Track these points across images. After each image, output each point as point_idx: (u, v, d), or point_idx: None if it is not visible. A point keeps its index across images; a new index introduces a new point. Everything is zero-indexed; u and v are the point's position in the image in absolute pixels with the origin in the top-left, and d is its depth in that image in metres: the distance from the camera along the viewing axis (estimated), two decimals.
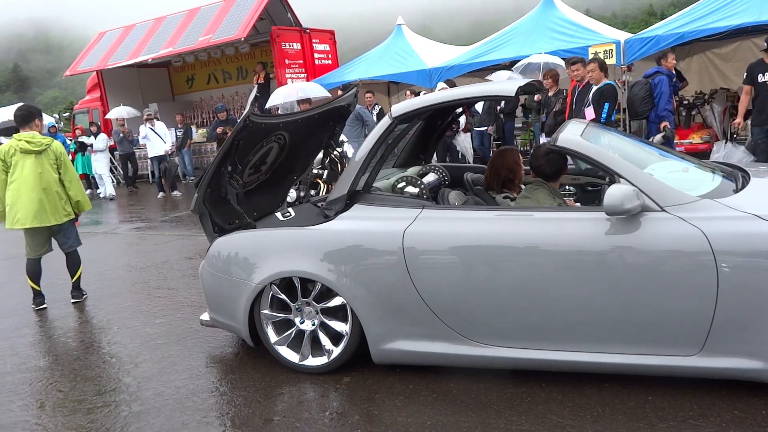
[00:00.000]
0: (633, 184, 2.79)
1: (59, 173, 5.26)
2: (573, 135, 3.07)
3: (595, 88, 6.86)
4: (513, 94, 3.22)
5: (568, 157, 3.46)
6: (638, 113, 8.12)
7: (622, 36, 11.08)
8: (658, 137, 6.62)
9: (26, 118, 5.26)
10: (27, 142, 5.13)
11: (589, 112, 6.76)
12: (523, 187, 4.23)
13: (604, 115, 6.67)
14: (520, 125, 13.00)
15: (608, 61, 10.08)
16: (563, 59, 10.24)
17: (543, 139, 8.71)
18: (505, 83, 3.36)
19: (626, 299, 2.78)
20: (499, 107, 11.50)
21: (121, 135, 14.50)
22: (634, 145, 3.75)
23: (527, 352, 3.02)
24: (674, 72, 8.01)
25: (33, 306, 5.37)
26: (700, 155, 9.98)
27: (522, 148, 13.68)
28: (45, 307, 5.37)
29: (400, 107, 3.48)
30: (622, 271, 2.77)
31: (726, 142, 7.78)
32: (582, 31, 11.10)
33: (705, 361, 2.73)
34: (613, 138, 3.63)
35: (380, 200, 3.39)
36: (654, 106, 7.78)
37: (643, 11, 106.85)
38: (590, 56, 10.10)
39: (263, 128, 3.97)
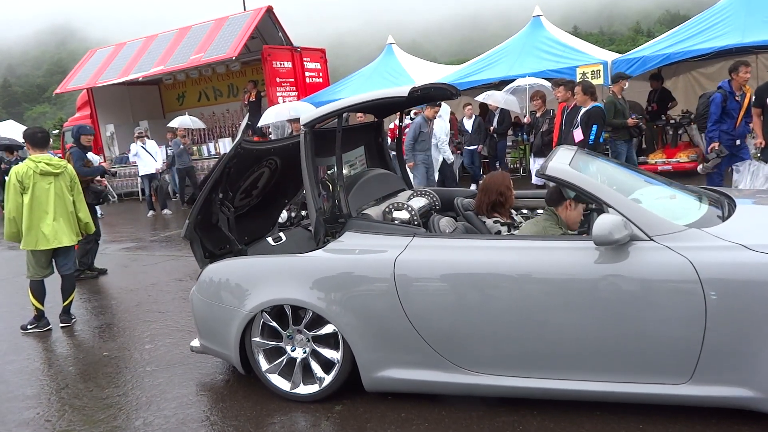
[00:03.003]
0: (621, 214, 2.83)
1: (72, 195, 5.38)
2: (562, 164, 3.11)
3: (583, 110, 6.95)
4: (405, 95, 3.34)
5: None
6: (700, 129, 8.20)
7: (610, 56, 11.24)
8: (709, 163, 6.62)
9: (46, 139, 5.40)
10: (47, 164, 5.19)
11: (578, 134, 6.84)
12: (513, 212, 4.27)
13: (592, 137, 6.76)
14: (510, 143, 13.09)
15: (596, 81, 10.24)
16: (549, 80, 10.38)
17: (532, 159, 8.78)
18: (399, 87, 3.46)
19: (616, 328, 2.80)
20: (492, 127, 11.60)
21: (182, 147, 13.41)
22: (622, 171, 3.80)
23: (518, 381, 3.03)
24: (733, 88, 6.71)
25: (34, 329, 5.32)
26: (687, 174, 10.12)
27: (512, 166, 13.79)
28: (50, 329, 5.34)
29: (307, 116, 3.56)
30: (611, 300, 2.80)
31: (751, 161, 7.27)
32: (570, 51, 11.25)
33: (695, 390, 2.74)
34: (601, 165, 3.67)
35: (371, 228, 3.40)
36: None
37: (630, 28, 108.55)
38: (578, 76, 10.26)
39: (255, 154, 3.99)
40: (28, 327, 5.34)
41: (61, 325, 5.41)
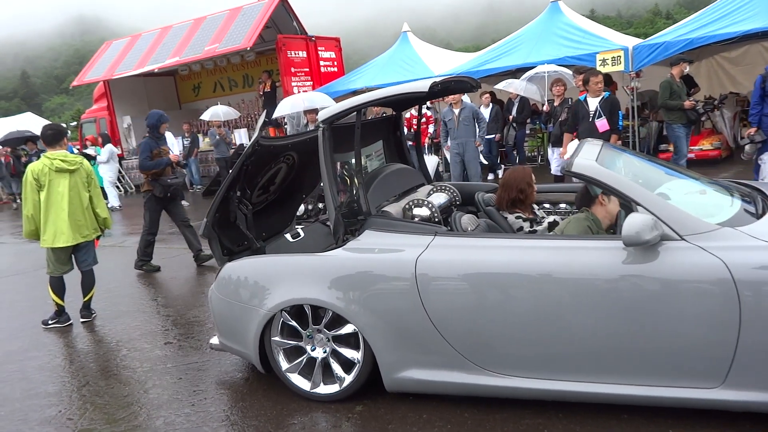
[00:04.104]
0: (652, 213, 2.73)
1: (89, 191, 5.36)
2: (588, 160, 3.01)
3: (598, 99, 6.79)
4: (426, 91, 3.26)
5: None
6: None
7: (630, 42, 11.00)
8: (747, 147, 6.44)
9: (56, 137, 5.34)
10: (62, 161, 5.19)
11: (602, 124, 6.70)
12: (535, 206, 4.17)
13: (621, 124, 6.66)
14: (528, 132, 12.93)
15: (616, 68, 10.06)
16: (568, 67, 10.20)
17: (550, 149, 8.64)
18: (419, 82, 3.36)
19: (645, 330, 2.72)
20: (511, 116, 11.45)
21: (218, 137, 13.52)
22: (649, 165, 3.69)
23: (543, 383, 2.96)
24: None
25: (55, 324, 5.35)
26: (710, 162, 9.92)
27: (530, 154, 13.62)
28: (71, 324, 5.37)
29: (325, 112, 3.50)
30: (641, 301, 2.71)
31: None
32: (589, 37, 11.04)
33: (728, 394, 2.66)
34: (627, 159, 3.57)
35: (391, 226, 3.34)
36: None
37: (649, 10, 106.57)
38: (598, 63, 10.06)
39: (272, 150, 3.95)
40: (50, 322, 5.38)
41: (82, 320, 5.44)
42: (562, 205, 4.35)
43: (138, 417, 3.52)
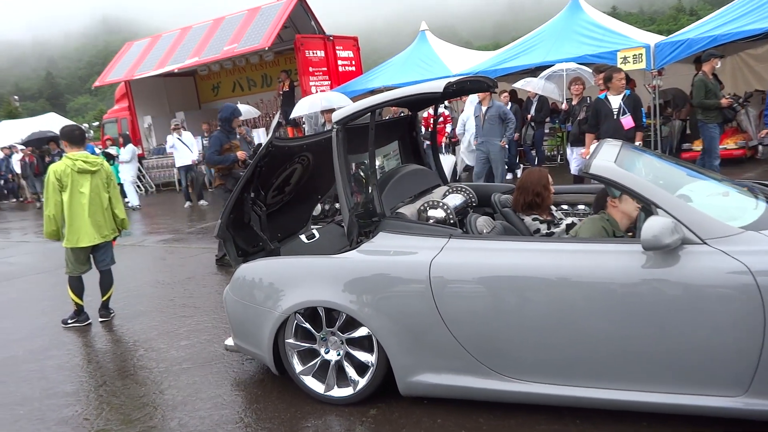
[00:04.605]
0: (672, 216, 2.66)
1: (108, 192, 5.42)
2: (607, 161, 2.94)
3: (621, 96, 6.68)
4: (440, 92, 3.23)
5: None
6: None
7: (653, 39, 10.82)
8: (760, 147, 6.39)
9: (82, 138, 5.44)
10: (84, 161, 5.24)
11: (627, 121, 6.62)
12: (553, 208, 4.11)
13: (645, 120, 6.57)
14: (547, 131, 12.79)
15: (637, 66, 9.90)
16: (588, 65, 10.06)
17: (569, 149, 8.53)
18: (434, 82, 3.32)
19: (665, 337, 2.65)
20: (529, 115, 11.34)
21: (239, 136, 13.65)
22: (669, 166, 3.60)
23: (560, 388, 2.90)
24: None
25: (75, 323, 5.41)
26: (735, 161, 9.71)
27: (549, 153, 13.48)
28: (90, 323, 5.43)
29: (339, 113, 3.47)
30: (660, 306, 2.64)
31: None
32: (610, 34, 10.88)
33: (752, 403, 2.58)
34: (647, 160, 3.49)
35: (405, 228, 3.30)
36: None
37: (672, 7, 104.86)
38: (619, 61, 9.91)
39: (287, 151, 3.94)
40: (69, 321, 5.44)
41: (100, 319, 5.49)
42: (581, 207, 4.28)
43: (153, 418, 3.53)
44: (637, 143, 6.66)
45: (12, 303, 6.57)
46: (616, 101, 6.71)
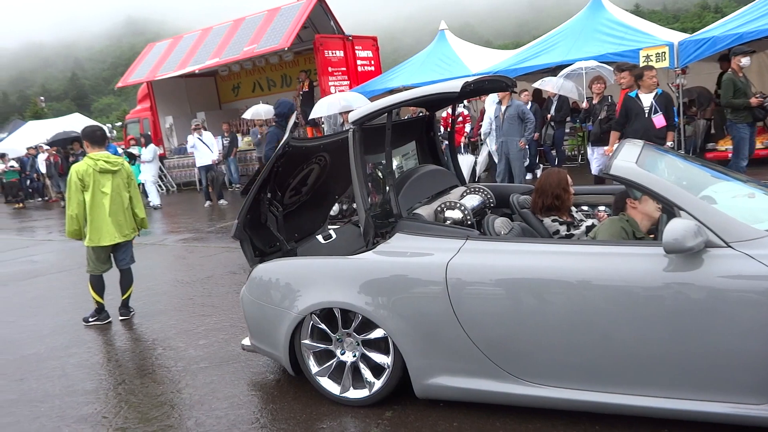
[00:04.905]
0: (695, 218, 2.59)
1: (128, 191, 5.48)
2: (628, 162, 2.88)
3: (652, 95, 6.56)
4: (458, 91, 3.19)
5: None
6: None
7: (676, 37, 10.64)
8: None
9: (103, 138, 5.51)
10: (105, 161, 5.31)
11: (659, 119, 6.51)
12: (573, 209, 4.05)
13: (677, 120, 6.45)
14: (568, 130, 12.65)
15: (660, 64, 9.73)
16: (610, 63, 9.91)
17: (590, 149, 8.42)
18: (451, 82, 3.28)
19: (687, 342, 2.58)
20: (549, 115, 11.22)
21: (259, 136, 13.38)
22: (693, 167, 3.52)
23: (578, 393, 2.85)
24: None
25: (95, 321, 5.48)
26: (762, 161, 9.49)
27: (569, 153, 13.34)
28: (110, 321, 5.49)
29: (356, 113, 3.44)
30: (682, 311, 2.58)
31: None
32: (632, 33, 10.73)
33: None
34: (670, 161, 3.42)
35: (422, 229, 3.28)
36: None
37: (696, 4, 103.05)
38: (641, 59, 9.76)
39: (304, 151, 3.93)
40: (90, 320, 5.50)
41: (120, 318, 5.55)
42: (602, 208, 4.21)
43: (170, 417, 3.55)
44: (669, 143, 6.52)
45: (36, 301, 6.68)
46: (647, 99, 6.58)
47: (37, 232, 12.84)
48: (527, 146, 9.01)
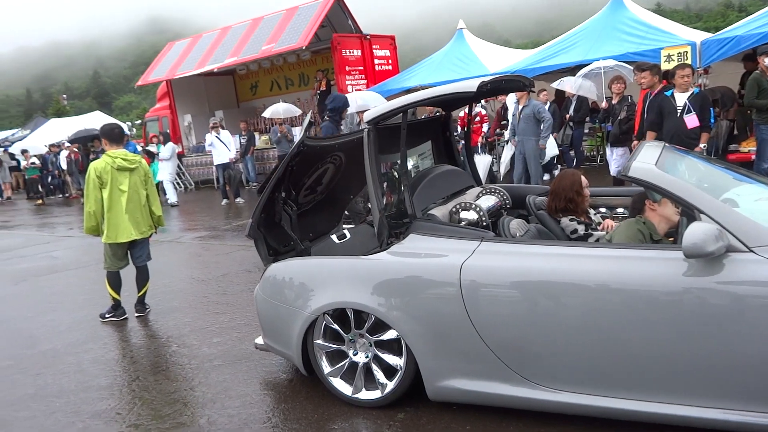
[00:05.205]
0: (716, 222, 2.53)
1: (146, 189, 5.52)
2: (647, 164, 2.82)
3: (687, 94, 6.42)
4: (474, 91, 3.14)
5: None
6: None
7: (699, 36, 10.45)
8: None
9: (121, 136, 5.55)
10: (123, 159, 5.35)
11: (692, 120, 6.34)
12: (591, 211, 3.99)
13: (712, 121, 6.27)
14: (587, 131, 12.51)
15: (678, 65, 9.54)
16: (630, 63, 9.77)
17: (609, 150, 8.30)
18: (468, 81, 3.22)
19: (707, 348, 2.52)
20: (568, 115, 11.10)
21: (279, 134, 13.61)
22: (715, 169, 3.45)
23: (594, 399, 2.80)
24: None
25: (112, 317, 5.52)
26: None
27: (588, 154, 13.19)
28: (126, 318, 5.54)
29: (371, 113, 3.42)
30: (703, 317, 2.52)
31: None
32: (654, 32, 10.56)
33: None
34: (691, 163, 3.34)
35: (436, 230, 3.24)
36: None
37: (720, 3, 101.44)
38: (662, 59, 9.60)
39: (318, 151, 3.92)
40: (106, 316, 5.55)
41: (136, 314, 5.59)
42: (620, 210, 4.14)
43: (183, 414, 3.56)
44: (701, 145, 6.33)
45: (54, 296, 6.76)
46: (681, 99, 6.43)
47: (58, 229, 13.01)
48: (546, 148, 8.93)
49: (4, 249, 10.57)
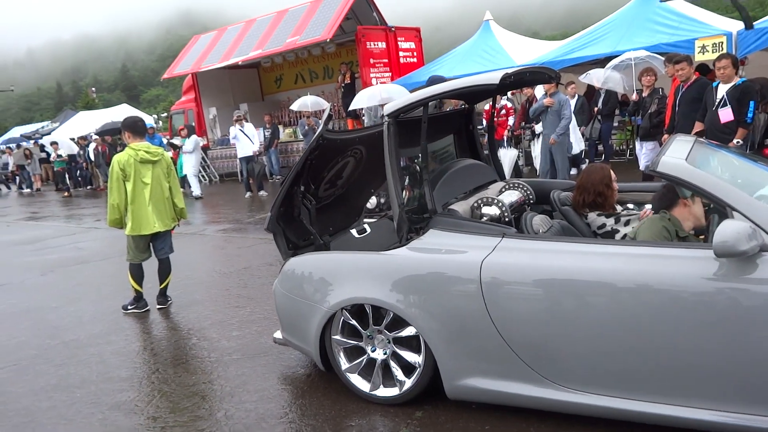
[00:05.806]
0: (749, 220, 2.41)
1: (168, 182, 5.55)
2: (676, 159, 2.70)
3: (728, 86, 6.18)
4: (497, 83, 3.05)
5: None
6: None
7: (735, 26, 10.11)
8: None
9: (143, 129, 5.61)
10: (146, 152, 5.38)
11: (726, 114, 6.08)
12: (619, 208, 3.86)
13: (750, 116, 5.99)
14: (616, 124, 12.24)
15: (717, 56, 9.25)
16: (663, 54, 9.51)
17: (638, 144, 8.10)
18: (490, 74, 3.12)
19: (738, 351, 2.41)
20: (596, 108, 10.87)
21: (306, 127, 13.99)
22: (750, 164, 3.30)
23: (618, 401, 2.70)
24: None
25: (134, 309, 5.57)
26: None
27: (617, 148, 12.93)
28: (148, 310, 5.58)
29: (390, 106, 3.34)
30: (733, 318, 2.40)
31: None
32: (688, 22, 10.25)
33: None
34: (724, 157, 3.21)
35: (456, 226, 3.16)
36: None
37: None
38: (696, 50, 9.31)
39: (338, 144, 3.86)
40: (129, 307, 5.60)
41: (158, 306, 5.63)
42: (648, 206, 4.00)
43: (201, 408, 3.56)
44: (735, 140, 6.04)
45: (79, 287, 6.85)
46: (722, 91, 6.20)
47: (84, 220, 13.22)
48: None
49: (33, 240, 10.78)
